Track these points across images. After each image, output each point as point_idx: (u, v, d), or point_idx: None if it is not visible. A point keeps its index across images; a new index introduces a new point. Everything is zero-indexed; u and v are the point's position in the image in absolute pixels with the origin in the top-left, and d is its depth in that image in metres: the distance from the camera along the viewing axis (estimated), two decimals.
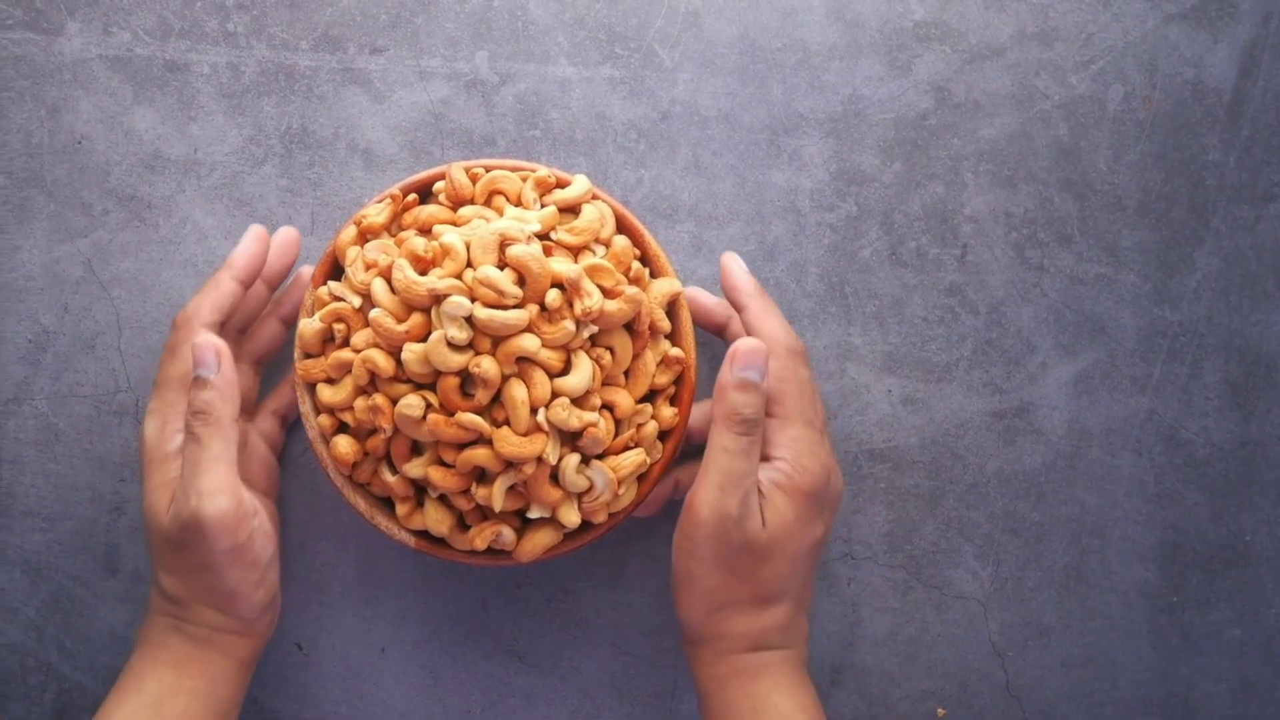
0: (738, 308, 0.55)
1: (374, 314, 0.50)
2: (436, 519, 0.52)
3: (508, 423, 0.50)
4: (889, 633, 0.61)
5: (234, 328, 0.56)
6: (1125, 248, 0.61)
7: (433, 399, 0.50)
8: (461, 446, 0.50)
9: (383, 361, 0.50)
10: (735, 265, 0.55)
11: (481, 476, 0.51)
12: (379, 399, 0.50)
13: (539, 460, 0.50)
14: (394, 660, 0.60)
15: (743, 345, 0.50)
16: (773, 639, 0.52)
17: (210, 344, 0.50)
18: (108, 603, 0.60)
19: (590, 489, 0.52)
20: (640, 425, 0.52)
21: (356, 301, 0.52)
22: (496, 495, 0.51)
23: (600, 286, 0.50)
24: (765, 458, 0.52)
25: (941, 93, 0.61)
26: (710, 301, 0.57)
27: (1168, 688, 0.61)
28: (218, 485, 0.49)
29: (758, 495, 0.51)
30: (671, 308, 0.53)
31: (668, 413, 0.53)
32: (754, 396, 0.50)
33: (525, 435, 0.50)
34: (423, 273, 0.50)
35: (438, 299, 0.49)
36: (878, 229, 0.61)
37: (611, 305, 0.50)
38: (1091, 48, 0.61)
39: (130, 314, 0.60)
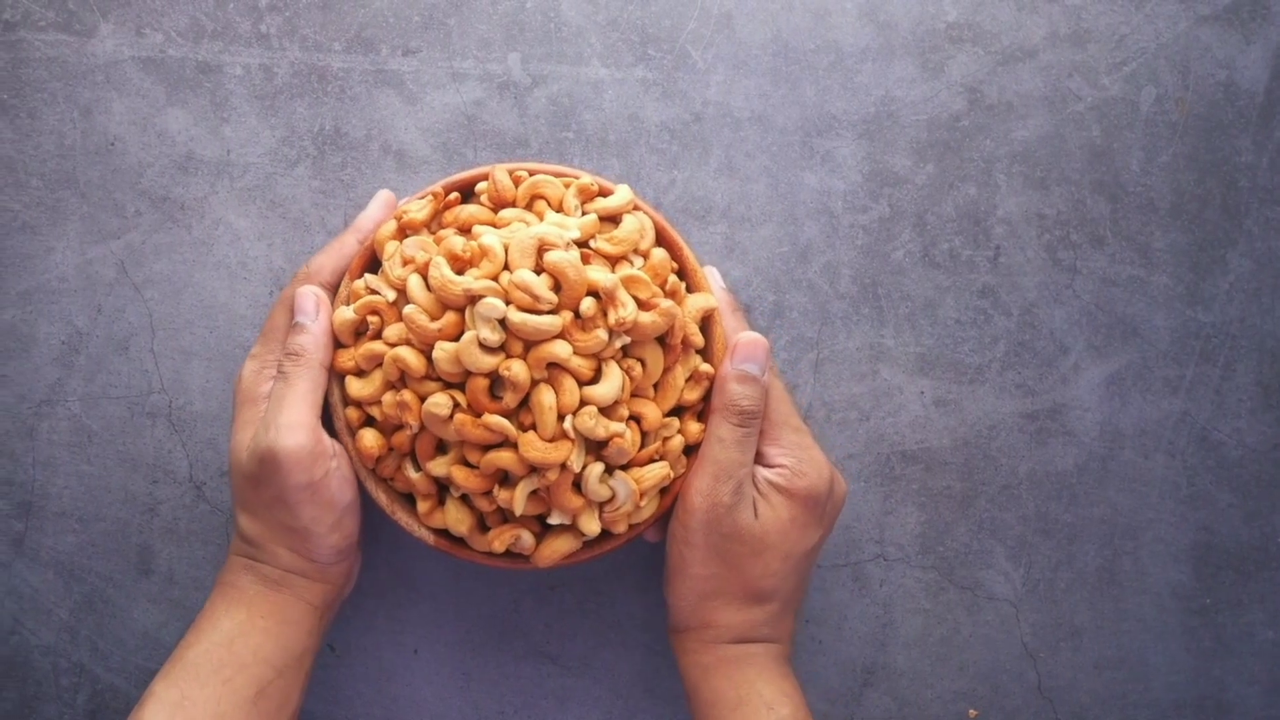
0: None
1: (408, 310, 0.48)
2: (457, 518, 0.50)
3: (534, 427, 0.47)
4: (921, 634, 0.58)
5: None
6: (1158, 249, 0.58)
7: (461, 399, 0.48)
8: (486, 448, 0.48)
9: (413, 360, 0.48)
10: (714, 281, 0.53)
11: (504, 479, 0.49)
12: (407, 395, 0.48)
13: (563, 467, 0.47)
14: (426, 661, 0.58)
15: (744, 338, 0.50)
16: (759, 632, 0.50)
17: (312, 293, 0.51)
18: (140, 604, 0.57)
19: (612, 499, 0.49)
20: (666, 439, 0.50)
21: (391, 296, 0.49)
22: (518, 499, 0.48)
23: (636, 298, 0.48)
24: (765, 461, 0.50)
25: (974, 94, 0.58)
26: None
27: (1201, 689, 0.58)
28: (297, 421, 0.48)
29: (753, 490, 0.50)
30: (705, 324, 0.51)
31: (694, 428, 0.50)
32: (753, 389, 0.49)
33: (551, 441, 0.47)
34: (460, 272, 0.47)
35: (473, 299, 0.47)
36: (910, 230, 0.58)
37: (645, 317, 0.47)
38: (1124, 49, 0.58)
39: (163, 315, 0.58)
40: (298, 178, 0.58)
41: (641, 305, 0.48)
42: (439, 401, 0.48)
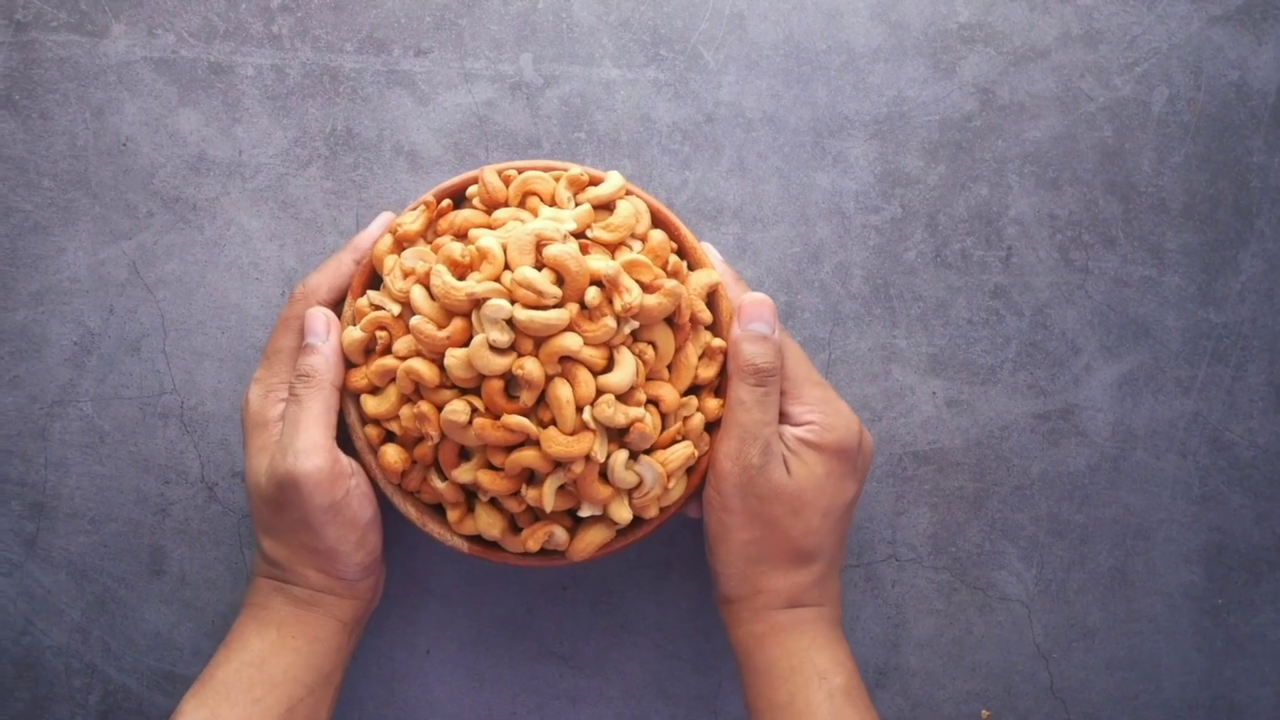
0: None
1: (415, 321, 0.47)
2: (489, 523, 0.49)
3: (554, 423, 0.47)
4: (933, 634, 0.57)
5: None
6: (1170, 250, 0.57)
7: (478, 403, 0.47)
8: (509, 449, 0.47)
9: (426, 371, 0.47)
10: (713, 255, 0.52)
11: (531, 478, 0.48)
12: (424, 406, 0.47)
13: (587, 459, 0.47)
14: (439, 662, 0.57)
15: (748, 299, 0.49)
16: (809, 596, 0.50)
17: (322, 314, 0.50)
18: (152, 604, 0.57)
19: (640, 484, 0.48)
20: (686, 418, 0.49)
21: (396, 309, 0.49)
22: (547, 495, 0.47)
23: (639, 281, 0.47)
24: (793, 420, 0.50)
25: (986, 95, 0.57)
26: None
27: (1212, 690, 0.57)
28: (314, 444, 0.48)
29: (782, 447, 0.49)
30: (711, 299, 0.50)
31: (713, 404, 0.50)
32: (765, 347, 0.49)
33: (572, 434, 0.46)
34: (461, 278, 0.47)
35: (477, 303, 0.46)
36: (922, 231, 0.57)
37: (651, 300, 0.47)
38: (1136, 50, 0.57)
39: (175, 316, 0.57)
40: (310, 178, 0.57)
41: (645, 288, 0.48)
42: (457, 409, 0.47)
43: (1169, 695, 0.58)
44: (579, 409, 0.47)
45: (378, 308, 0.50)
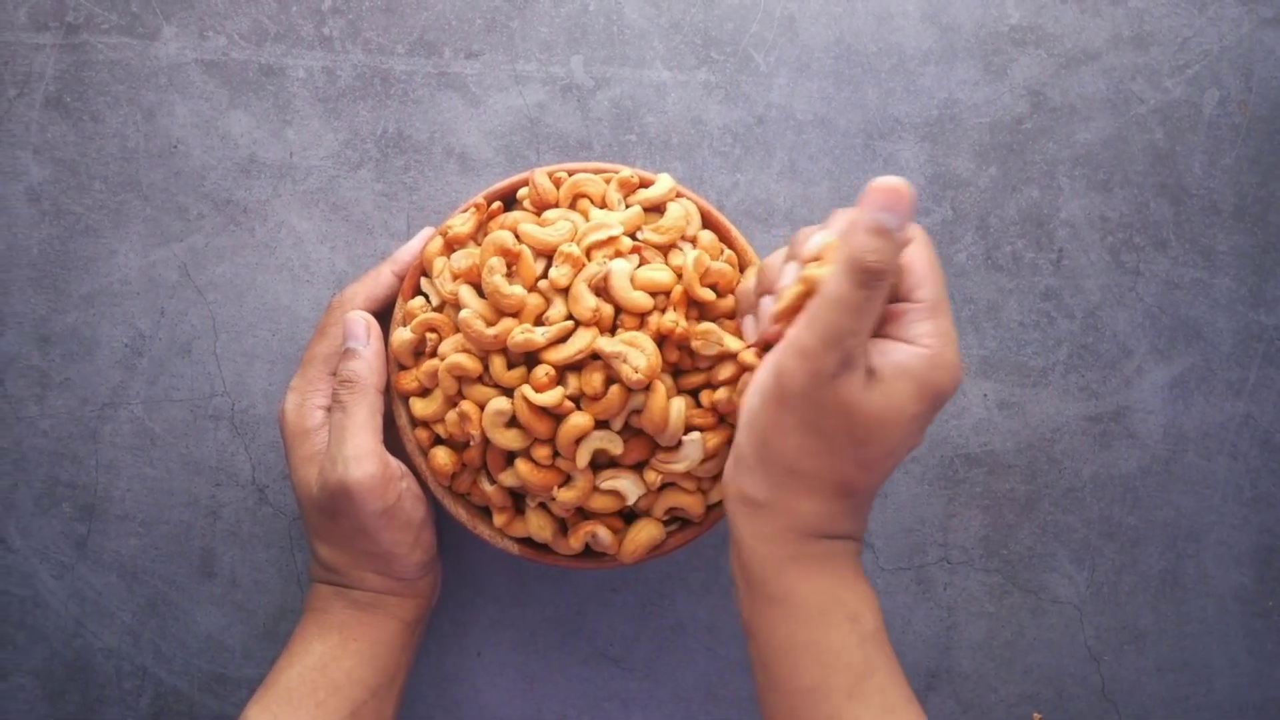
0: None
1: (463, 314, 0.46)
2: (539, 525, 0.48)
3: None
4: (985, 637, 0.56)
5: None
6: (1221, 252, 0.56)
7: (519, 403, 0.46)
8: (550, 442, 0.46)
9: (468, 362, 0.46)
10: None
11: (565, 481, 0.47)
12: (466, 406, 0.46)
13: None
14: (489, 664, 0.56)
15: (879, 183, 0.38)
16: (840, 526, 0.42)
17: (362, 318, 0.48)
18: (203, 606, 0.55)
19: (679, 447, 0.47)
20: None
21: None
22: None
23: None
24: (903, 338, 0.40)
25: (1037, 97, 0.55)
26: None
27: (1264, 692, 0.56)
28: (362, 451, 0.46)
29: (867, 362, 0.40)
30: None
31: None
32: (885, 243, 0.38)
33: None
34: (510, 269, 0.46)
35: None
36: (973, 233, 0.56)
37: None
38: (1187, 52, 0.56)
39: (226, 318, 0.55)
40: (360, 180, 0.56)
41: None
42: (500, 406, 0.47)
43: (1220, 697, 0.57)
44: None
45: (429, 309, 0.50)
